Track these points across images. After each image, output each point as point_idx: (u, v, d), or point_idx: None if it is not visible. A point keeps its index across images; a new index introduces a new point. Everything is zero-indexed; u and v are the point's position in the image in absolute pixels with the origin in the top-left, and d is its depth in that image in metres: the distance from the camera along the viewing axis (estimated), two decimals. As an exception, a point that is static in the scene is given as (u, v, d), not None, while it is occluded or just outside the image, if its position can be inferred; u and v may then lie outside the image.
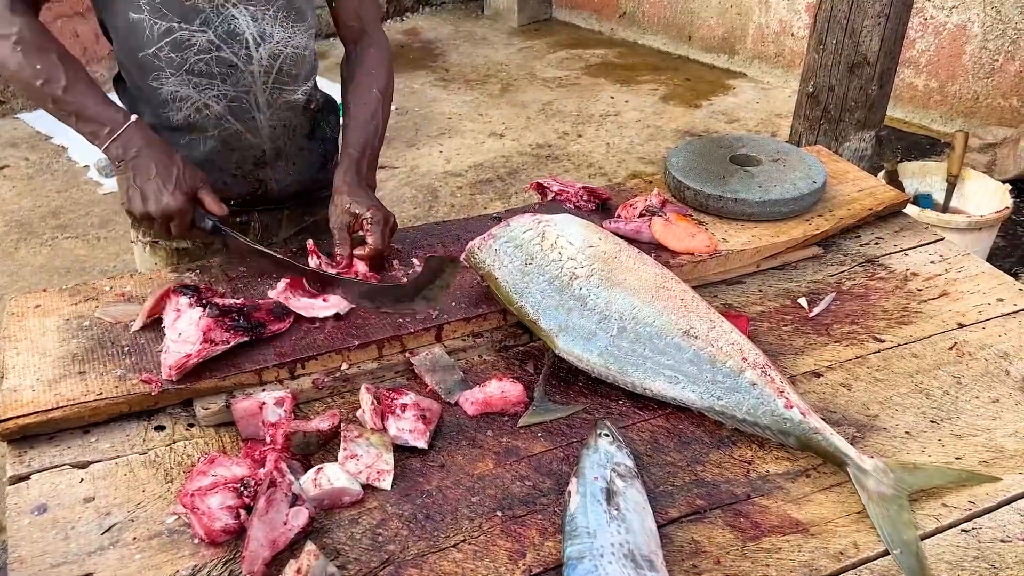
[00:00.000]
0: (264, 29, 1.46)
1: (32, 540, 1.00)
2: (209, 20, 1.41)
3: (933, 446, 1.16)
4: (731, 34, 5.91)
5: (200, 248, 1.65)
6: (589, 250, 1.32)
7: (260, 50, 1.46)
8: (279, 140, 1.57)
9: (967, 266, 1.55)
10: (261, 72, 1.48)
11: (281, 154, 1.59)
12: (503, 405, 1.21)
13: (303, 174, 1.65)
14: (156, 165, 1.35)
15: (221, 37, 1.43)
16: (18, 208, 4.17)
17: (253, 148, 1.55)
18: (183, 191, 1.35)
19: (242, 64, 1.46)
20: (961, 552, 1.00)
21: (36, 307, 1.35)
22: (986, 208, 3.33)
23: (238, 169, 1.56)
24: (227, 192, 1.57)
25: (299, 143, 1.62)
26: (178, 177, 1.35)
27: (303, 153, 1.63)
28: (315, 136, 1.66)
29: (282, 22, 1.48)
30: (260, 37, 1.46)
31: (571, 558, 0.94)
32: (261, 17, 1.45)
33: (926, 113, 4.96)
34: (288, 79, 1.53)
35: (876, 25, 2.95)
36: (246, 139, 1.53)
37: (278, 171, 1.60)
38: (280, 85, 1.52)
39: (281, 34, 1.48)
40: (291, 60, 1.51)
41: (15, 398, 1.15)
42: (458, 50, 6.36)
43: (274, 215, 1.67)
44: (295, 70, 1.53)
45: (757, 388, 1.16)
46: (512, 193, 4.35)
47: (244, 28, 1.43)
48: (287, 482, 1.03)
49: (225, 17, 1.42)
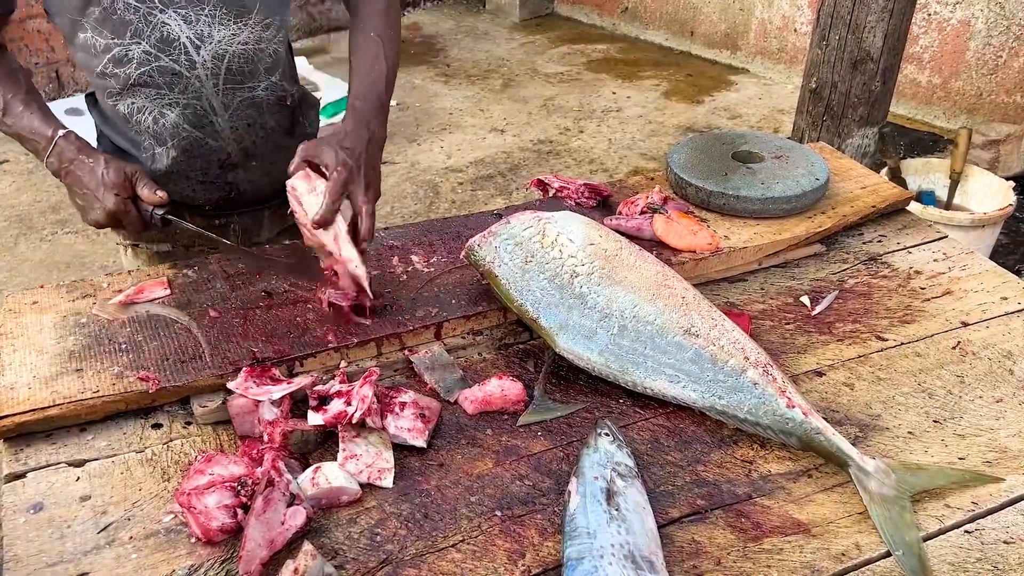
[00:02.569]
0: (201, 31, 1.39)
1: (28, 539, 0.99)
2: (140, 31, 1.36)
3: (936, 446, 1.15)
4: (733, 30, 5.89)
5: (181, 249, 1.63)
6: (590, 248, 1.31)
7: (201, 53, 1.40)
8: (244, 141, 1.52)
9: (971, 264, 1.53)
10: (208, 75, 1.42)
11: (251, 155, 1.55)
12: (503, 404, 1.20)
13: (282, 174, 1.58)
14: (85, 174, 1.35)
15: (156, 46, 1.38)
16: (18, 203, 4.16)
17: (216, 152, 1.51)
18: (113, 191, 1.34)
19: (185, 70, 1.41)
20: (964, 553, 0.99)
21: (33, 304, 1.34)
22: (989, 205, 3.32)
23: (204, 175, 1.53)
24: (198, 199, 1.56)
25: (276, 141, 1.56)
26: (104, 179, 1.34)
27: (281, 152, 1.53)
28: (295, 133, 1.60)
29: (221, 20, 1.40)
30: (198, 39, 1.39)
31: (571, 558, 0.93)
32: (195, 19, 1.38)
33: (929, 110, 4.94)
34: (241, 77, 1.46)
35: (879, 21, 2.93)
36: (207, 144, 1.49)
37: (250, 172, 1.56)
38: (233, 85, 1.46)
39: (222, 33, 1.41)
40: (240, 58, 1.44)
41: (11, 395, 1.14)
42: (459, 45, 6.34)
43: (254, 216, 1.65)
44: (248, 67, 1.46)
45: (759, 387, 1.15)
46: (513, 189, 4.34)
47: (178, 33, 1.38)
48: (285, 481, 1.02)
49: (155, 25, 1.36)
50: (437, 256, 1.48)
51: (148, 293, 1.36)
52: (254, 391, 1.15)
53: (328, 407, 1.13)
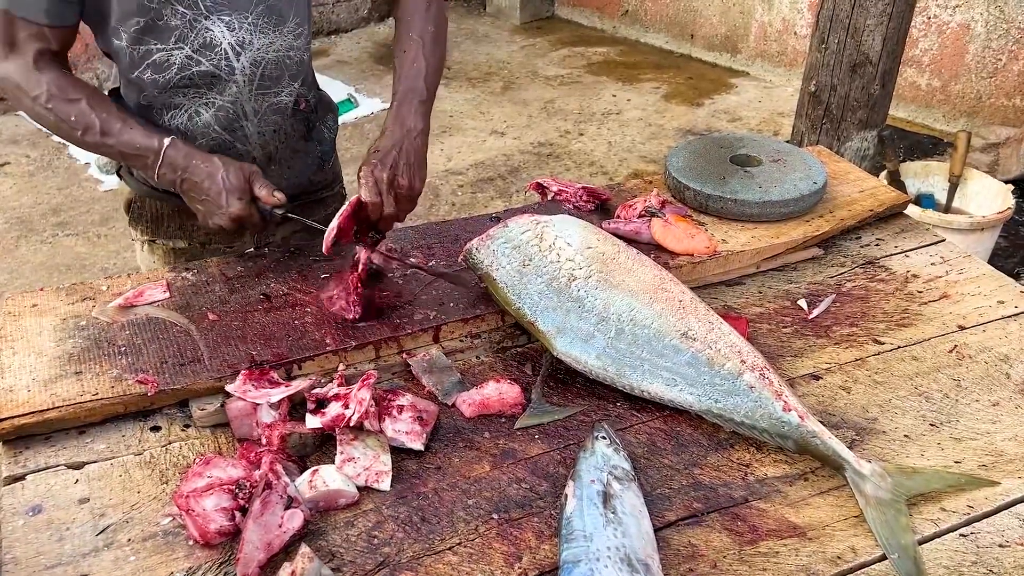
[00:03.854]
0: (242, 38, 1.43)
1: (27, 541, 0.99)
2: (184, 36, 1.39)
3: (932, 449, 1.15)
4: (733, 32, 5.90)
5: (196, 248, 1.64)
6: (587, 251, 1.31)
7: (240, 59, 1.44)
8: (269, 146, 1.56)
9: (968, 268, 1.54)
10: (245, 81, 1.46)
11: (273, 159, 1.58)
12: (500, 407, 1.20)
13: (299, 177, 1.63)
14: (204, 179, 1.36)
15: (198, 51, 1.41)
16: (19, 205, 4.17)
17: (243, 156, 1.52)
18: (236, 196, 1.35)
19: (224, 75, 1.44)
20: (959, 557, 0.99)
21: (33, 306, 1.35)
22: (988, 208, 3.32)
23: None
24: None
25: (293, 146, 1.60)
26: (226, 184, 1.35)
27: (298, 156, 1.62)
28: (311, 138, 1.64)
29: (262, 29, 1.44)
30: (239, 46, 1.43)
31: (567, 562, 0.94)
32: (238, 26, 1.42)
33: (929, 113, 4.95)
34: (270, 83, 1.50)
35: (879, 24, 2.94)
36: (235, 148, 1.51)
37: (271, 176, 1.56)
38: (263, 91, 1.50)
39: (261, 40, 1.45)
40: (273, 64, 1.49)
41: (11, 398, 1.15)
42: (460, 48, 6.35)
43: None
44: (277, 73, 1.50)
45: (755, 391, 1.15)
46: (513, 191, 4.34)
47: (221, 39, 1.41)
48: (282, 484, 1.02)
49: (199, 31, 1.39)
50: (436, 259, 1.49)
51: (147, 296, 1.36)
52: (252, 394, 1.15)
53: (326, 410, 1.13)
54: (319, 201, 1.72)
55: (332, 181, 1.76)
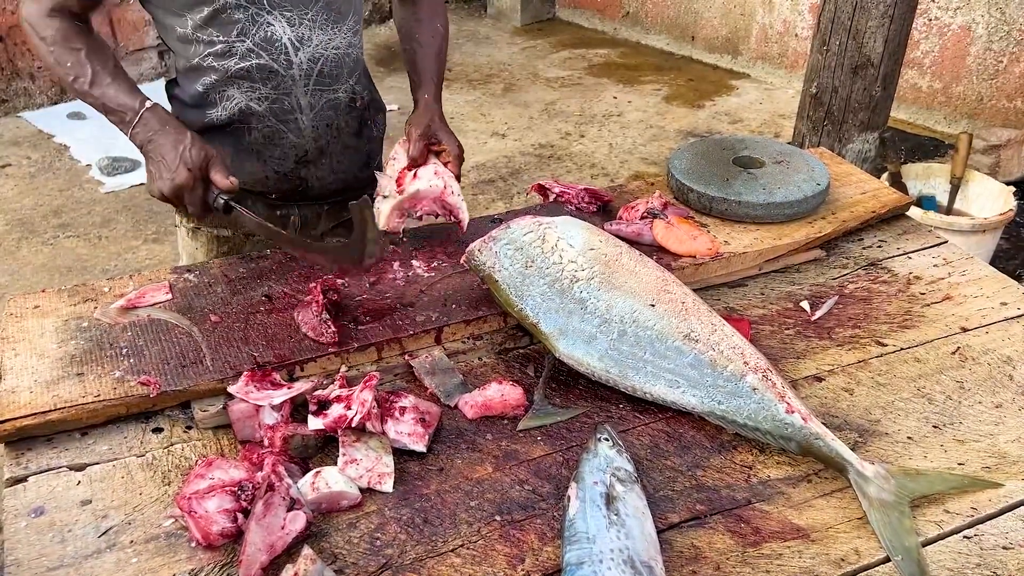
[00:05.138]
0: (302, 34, 1.47)
1: (29, 543, 0.99)
2: (246, 29, 1.44)
3: (935, 451, 1.15)
4: (735, 34, 5.90)
5: (240, 237, 1.67)
6: (590, 253, 1.31)
7: (299, 55, 1.48)
8: (322, 140, 1.58)
9: (970, 269, 1.54)
10: (301, 76, 1.50)
11: (324, 153, 1.60)
12: (503, 408, 1.20)
13: (347, 172, 1.65)
14: (166, 145, 1.37)
15: (259, 44, 1.45)
16: (20, 207, 4.17)
17: (295, 148, 1.56)
18: (188, 167, 1.35)
19: (282, 69, 1.48)
20: (963, 559, 0.99)
21: (35, 308, 1.35)
22: (990, 210, 3.32)
23: (280, 166, 1.58)
24: (269, 187, 1.60)
25: (345, 141, 1.63)
26: (184, 154, 1.36)
27: (348, 152, 1.64)
28: (362, 135, 1.67)
29: (321, 25, 1.49)
30: (298, 42, 1.48)
31: (570, 564, 0.94)
32: (298, 22, 1.47)
33: (930, 115, 4.94)
34: (329, 80, 1.54)
35: (880, 26, 2.94)
36: (288, 139, 1.55)
37: (321, 169, 1.61)
38: (321, 87, 1.54)
39: (320, 37, 1.50)
40: (332, 61, 1.53)
41: (12, 399, 1.15)
42: (461, 49, 6.35)
43: (314, 209, 1.68)
44: (336, 71, 1.55)
45: (758, 393, 1.15)
46: (514, 193, 4.34)
47: (281, 34, 1.46)
48: (285, 486, 1.02)
49: (261, 25, 1.44)
50: (438, 260, 1.48)
51: (149, 298, 1.36)
52: (255, 396, 1.15)
53: (328, 412, 1.13)
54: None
55: (375, 179, 1.77)
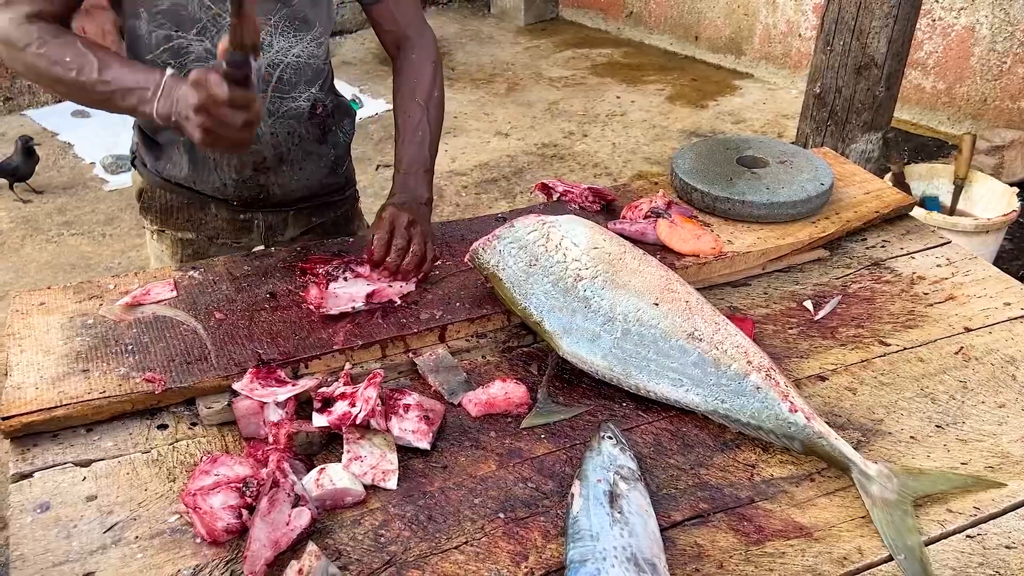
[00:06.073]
0: (263, 39, 1.42)
1: (34, 538, 1.00)
2: (206, 30, 1.40)
3: (939, 451, 1.15)
4: (738, 34, 5.90)
5: (204, 240, 1.65)
6: (594, 251, 1.31)
7: (259, 59, 1.43)
8: (282, 147, 1.56)
9: (974, 270, 1.54)
10: (259, 81, 1.41)
11: (284, 160, 1.58)
12: (506, 406, 1.20)
13: (310, 179, 1.63)
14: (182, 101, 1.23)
15: (217, 46, 1.39)
16: (24, 204, 4.18)
17: (253, 154, 1.53)
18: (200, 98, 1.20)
19: None
20: (966, 558, 0.99)
21: (40, 305, 1.35)
22: (993, 211, 3.32)
23: (238, 174, 1.56)
24: (228, 194, 1.58)
25: (307, 148, 1.60)
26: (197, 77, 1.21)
27: (311, 158, 1.62)
28: (326, 141, 1.64)
29: (283, 32, 1.45)
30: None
31: (573, 561, 0.94)
32: (260, 28, 1.37)
33: (934, 115, 4.94)
34: (288, 87, 1.51)
35: (884, 27, 2.94)
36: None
37: (281, 176, 1.59)
38: (280, 94, 1.50)
39: (280, 43, 1.46)
40: (291, 68, 1.49)
41: (18, 395, 1.15)
42: (464, 49, 6.36)
43: (279, 215, 1.66)
44: (295, 78, 1.51)
45: (761, 392, 1.16)
46: (517, 193, 4.35)
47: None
48: (289, 482, 1.03)
49: (222, 28, 1.39)
50: (441, 259, 1.49)
51: (154, 295, 1.37)
52: (259, 392, 1.15)
53: (333, 409, 1.13)
54: (330, 204, 1.73)
55: (344, 185, 1.76)
